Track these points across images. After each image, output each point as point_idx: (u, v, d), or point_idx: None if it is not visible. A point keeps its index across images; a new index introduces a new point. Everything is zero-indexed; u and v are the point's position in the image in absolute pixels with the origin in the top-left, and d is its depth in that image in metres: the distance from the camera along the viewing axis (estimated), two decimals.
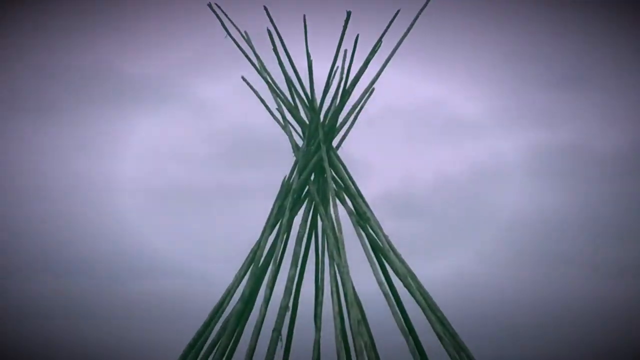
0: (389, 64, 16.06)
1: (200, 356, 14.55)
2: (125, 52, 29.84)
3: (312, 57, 16.10)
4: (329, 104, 15.94)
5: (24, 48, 29.14)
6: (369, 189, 16.05)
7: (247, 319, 14.72)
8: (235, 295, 14.90)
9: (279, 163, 16.31)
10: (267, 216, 15.43)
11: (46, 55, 29.44)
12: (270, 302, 14.36)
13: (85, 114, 29.76)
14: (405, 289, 14.66)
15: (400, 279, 14.74)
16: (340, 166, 15.87)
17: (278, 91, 16.37)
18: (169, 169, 29.97)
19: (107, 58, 30.11)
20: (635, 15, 28.10)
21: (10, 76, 29.18)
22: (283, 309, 14.30)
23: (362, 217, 15.31)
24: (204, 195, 29.61)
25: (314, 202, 15.52)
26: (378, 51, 16.01)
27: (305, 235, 15.35)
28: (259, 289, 14.78)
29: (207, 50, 25.37)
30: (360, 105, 16.09)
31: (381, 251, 15.05)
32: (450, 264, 27.75)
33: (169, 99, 29.81)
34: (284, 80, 16.30)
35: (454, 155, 30.79)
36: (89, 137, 29.85)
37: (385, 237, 15.17)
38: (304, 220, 15.39)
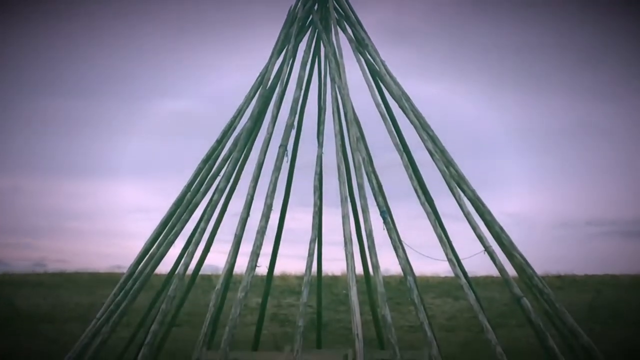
0: None
1: (214, 169, 15.47)
2: None
3: None
4: None
5: None
6: (367, 17, 16.55)
7: (256, 136, 15.67)
8: (245, 114, 15.78)
9: None
10: (274, 43, 16.14)
11: None
12: (277, 121, 15.25)
13: None
14: (400, 109, 15.49)
15: (395, 100, 15.57)
16: None
17: None
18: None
19: None
20: None
21: None
22: (289, 126, 15.16)
23: (361, 44, 16.03)
24: (215, 26, 29.85)
25: (317, 30, 16.21)
26: None
27: (309, 60, 16.09)
28: (267, 109, 15.63)
29: None
30: None
31: (378, 75, 15.82)
32: (440, 86, 28.71)
33: None
34: None
35: None
36: None
37: (382, 62, 15.91)
38: (308, 46, 16.11)
